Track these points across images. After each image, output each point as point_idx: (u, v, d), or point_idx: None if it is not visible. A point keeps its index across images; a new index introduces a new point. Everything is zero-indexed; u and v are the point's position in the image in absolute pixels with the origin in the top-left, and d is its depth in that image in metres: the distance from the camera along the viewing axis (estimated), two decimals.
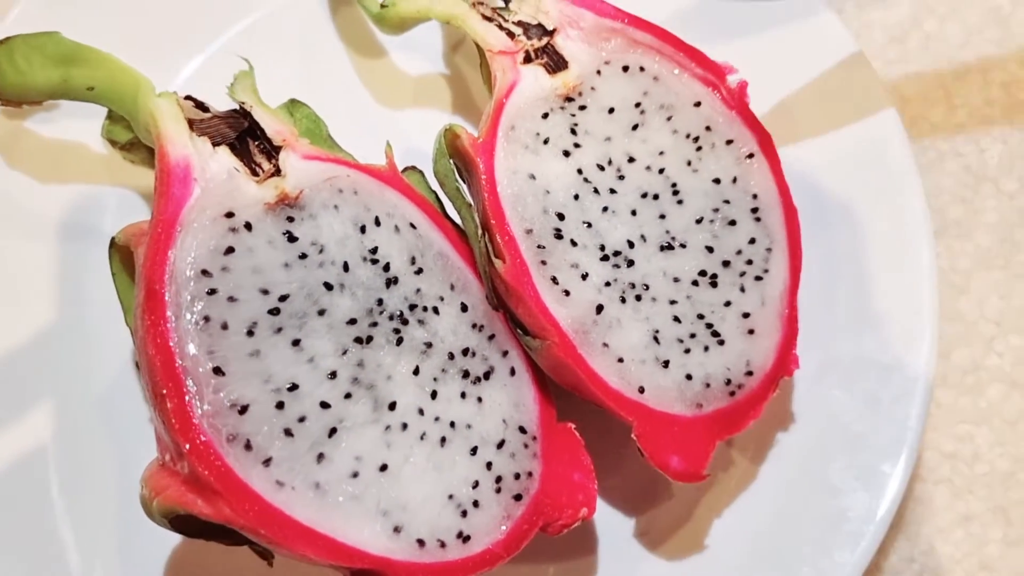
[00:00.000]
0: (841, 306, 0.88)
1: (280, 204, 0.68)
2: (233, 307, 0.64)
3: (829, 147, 0.92)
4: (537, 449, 0.71)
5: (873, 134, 0.92)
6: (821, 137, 0.93)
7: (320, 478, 0.62)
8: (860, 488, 0.82)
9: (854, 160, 0.91)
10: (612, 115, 0.77)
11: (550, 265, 0.71)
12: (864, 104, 0.92)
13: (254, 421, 0.61)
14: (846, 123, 0.92)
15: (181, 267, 0.63)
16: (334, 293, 0.67)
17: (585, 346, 0.70)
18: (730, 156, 0.82)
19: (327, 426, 0.64)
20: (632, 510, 0.84)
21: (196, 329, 0.62)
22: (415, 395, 0.68)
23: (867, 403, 0.85)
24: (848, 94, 0.93)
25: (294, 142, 0.71)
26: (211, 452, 0.61)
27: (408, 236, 0.72)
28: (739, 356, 0.76)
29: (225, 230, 0.65)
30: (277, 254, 0.66)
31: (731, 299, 0.75)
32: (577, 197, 0.74)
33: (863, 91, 0.92)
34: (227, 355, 0.62)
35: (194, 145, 0.68)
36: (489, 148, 0.72)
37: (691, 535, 0.83)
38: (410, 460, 0.66)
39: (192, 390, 0.60)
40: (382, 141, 0.77)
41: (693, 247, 0.76)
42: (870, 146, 0.92)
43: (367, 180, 0.73)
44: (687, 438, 0.72)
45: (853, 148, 0.92)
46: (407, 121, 0.95)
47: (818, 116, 0.93)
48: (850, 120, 0.92)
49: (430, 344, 0.70)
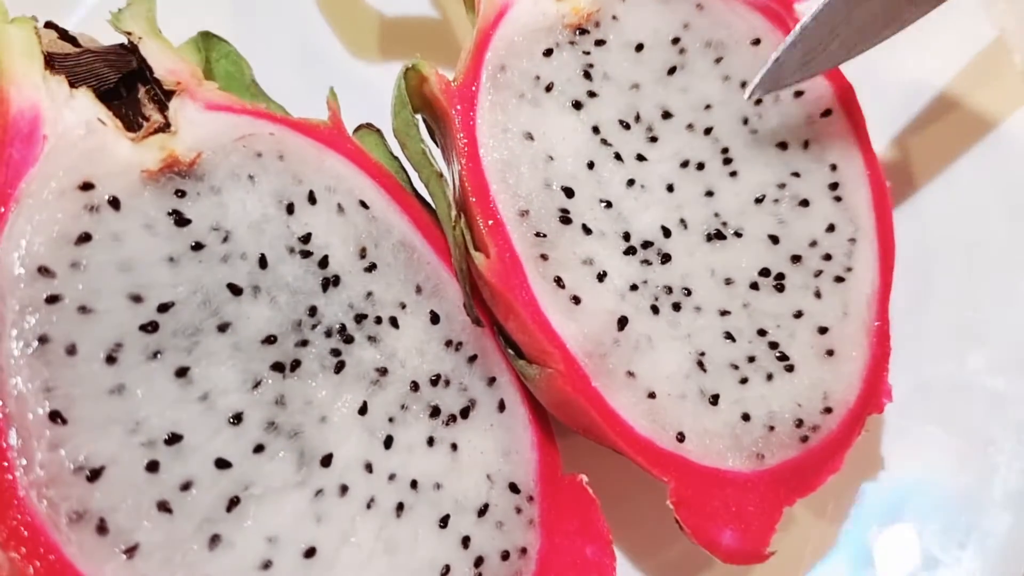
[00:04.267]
0: (936, 314, 0.74)
1: (167, 172, 0.55)
2: (86, 321, 0.49)
3: (929, 107, 0.76)
4: (534, 514, 0.60)
5: (987, 96, 0.75)
6: (919, 93, 0.76)
7: (213, 573, 0.49)
8: (967, 559, 0.68)
9: (961, 128, 0.74)
10: (640, 54, 0.64)
11: (553, 260, 0.59)
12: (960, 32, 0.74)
13: (111, 491, 0.47)
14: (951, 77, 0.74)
15: (9, 262, 0.48)
16: (243, 299, 0.54)
17: (602, 375, 0.58)
18: (800, 113, 0.67)
19: (225, 495, 0.51)
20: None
21: (27, 355, 0.47)
22: (361, 444, 0.55)
23: (972, 444, 0.70)
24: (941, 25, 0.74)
25: (195, 87, 0.56)
26: (39, 539, 0.45)
27: (356, 219, 0.59)
28: (814, 387, 0.63)
29: (78, 208, 0.51)
30: (158, 243, 0.53)
31: (803, 308, 0.64)
32: (592, 166, 0.62)
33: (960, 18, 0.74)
34: (73, 393, 0.48)
35: (47, 88, 0.50)
36: (469, 95, 0.59)
37: None
38: (351, 540, 0.53)
39: (16, 446, 0.46)
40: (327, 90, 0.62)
41: (752, 236, 0.64)
42: (982, 111, 0.75)
43: (300, 141, 0.59)
44: (744, 504, 0.58)
45: (960, 111, 0.75)
46: (366, 67, 0.79)
47: (907, 56, 0.75)
48: (956, 73, 0.74)
49: (384, 370, 0.57)
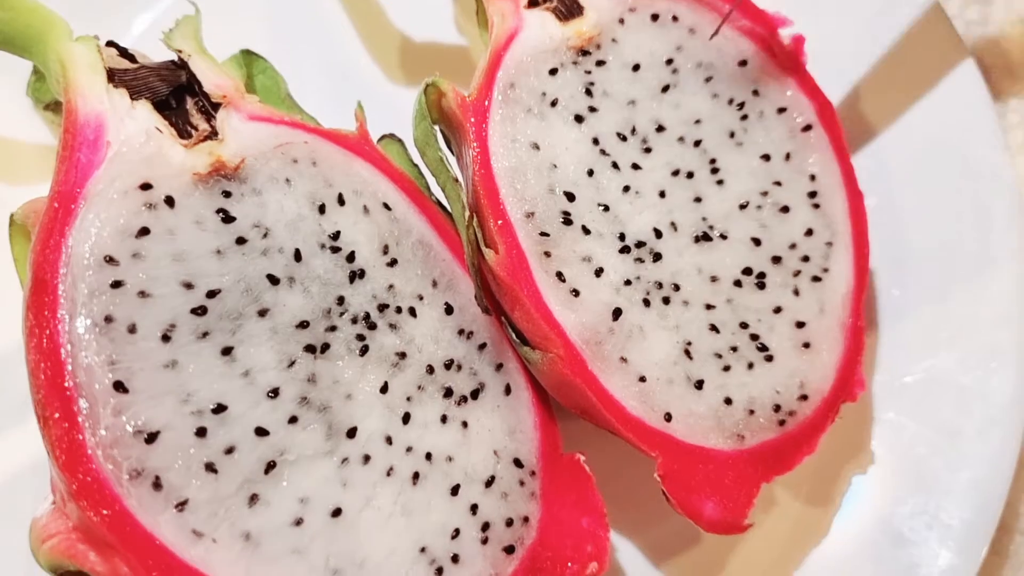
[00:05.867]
0: (910, 314, 0.75)
1: (214, 175, 0.57)
2: (145, 304, 0.53)
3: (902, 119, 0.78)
4: (536, 487, 0.62)
5: (954, 106, 0.77)
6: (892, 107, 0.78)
7: (252, 527, 0.52)
8: (933, 539, 0.70)
9: (931, 137, 0.77)
10: (637, 74, 0.68)
11: (555, 257, 0.62)
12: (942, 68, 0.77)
13: (166, 453, 0.51)
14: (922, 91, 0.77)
15: (80, 252, 0.52)
16: (280, 288, 0.58)
17: (598, 360, 0.60)
18: (782, 127, 0.70)
19: (263, 459, 0.54)
20: (654, 554, 0.72)
21: (94, 332, 0.51)
22: (382, 419, 0.58)
23: (944, 435, 0.72)
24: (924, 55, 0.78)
25: (238, 99, 0.59)
26: (104, 492, 0.48)
27: (380, 219, 0.63)
28: (791, 376, 0.65)
29: (139, 206, 0.55)
30: (207, 238, 0.57)
31: (782, 304, 0.67)
32: (592, 173, 0.65)
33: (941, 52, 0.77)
34: (134, 366, 0.52)
35: (111, 100, 0.54)
36: (482, 109, 0.63)
37: None
38: (372, 503, 0.56)
39: (84, 411, 0.49)
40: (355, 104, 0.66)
41: (736, 238, 0.67)
42: (950, 121, 0.77)
43: (330, 149, 0.63)
44: (725, 478, 0.61)
45: (930, 122, 0.77)
46: (389, 83, 0.82)
47: (888, 82, 0.79)
48: (927, 88, 0.77)
49: (404, 354, 0.61)
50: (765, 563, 0.70)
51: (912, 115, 0.77)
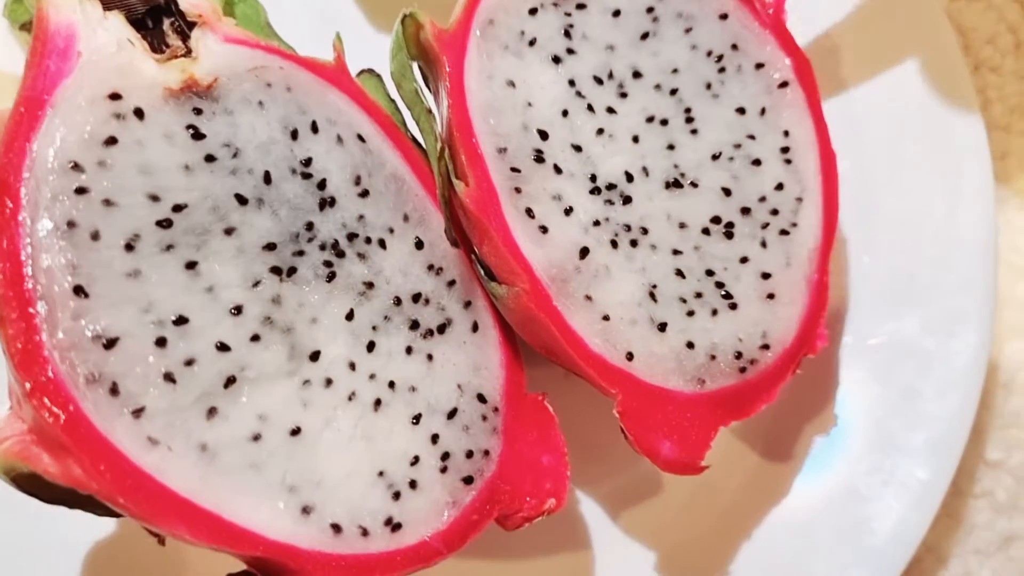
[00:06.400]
0: (878, 278, 0.76)
1: (186, 91, 0.57)
2: (109, 213, 0.53)
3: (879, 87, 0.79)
4: (498, 423, 0.63)
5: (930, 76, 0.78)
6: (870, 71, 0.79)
7: (208, 439, 0.53)
8: (888, 496, 0.71)
9: (906, 101, 0.78)
10: (617, 19, 0.68)
11: (525, 194, 0.62)
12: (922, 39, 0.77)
13: (124, 359, 0.51)
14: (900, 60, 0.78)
15: (44, 156, 0.51)
16: (248, 209, 0.58)
17: (563, 297, 0.61)
18: (759, 83, 0.70)
19: (224, 374, 0.54)
20: (613, 506, 0.73)
21: (56, 236, 0.51)
22: (346, 346, 0.59)
23: (903, 396, 0.74)
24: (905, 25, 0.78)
25: (214, 20, 0.59)
26: (60, 394, 0.48)
27: (353, 150, 0.62)
28: (754, 324, 0.66)
29: (107, 115, 0.54)
30: (176, 152, 0.56)
31: (749, 255, 0.67)
32: (566, 114, 0.65)
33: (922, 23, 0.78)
34: (95, 272, 0.51)
35: (83, 9, 0.54)
36: (459, 43, 0.62)
37: (683, 540, 0.72)
38: (332, 425, 0.57)
39: (43, 313, 0.49)
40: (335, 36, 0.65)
41: (706, 187, 0.67)
42: (925, 90, 0.78)
43: (306, 76, 0.63)
44: (683, 419, 0.61)
45: (906, 91, 0.78)
46: (370, 17, 0.81)
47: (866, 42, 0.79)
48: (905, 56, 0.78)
49: (371, 284, 0.61)
50: (722, 514, 0.72)
51: (889, 83, 0.78)
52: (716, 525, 0.72)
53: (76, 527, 0.64)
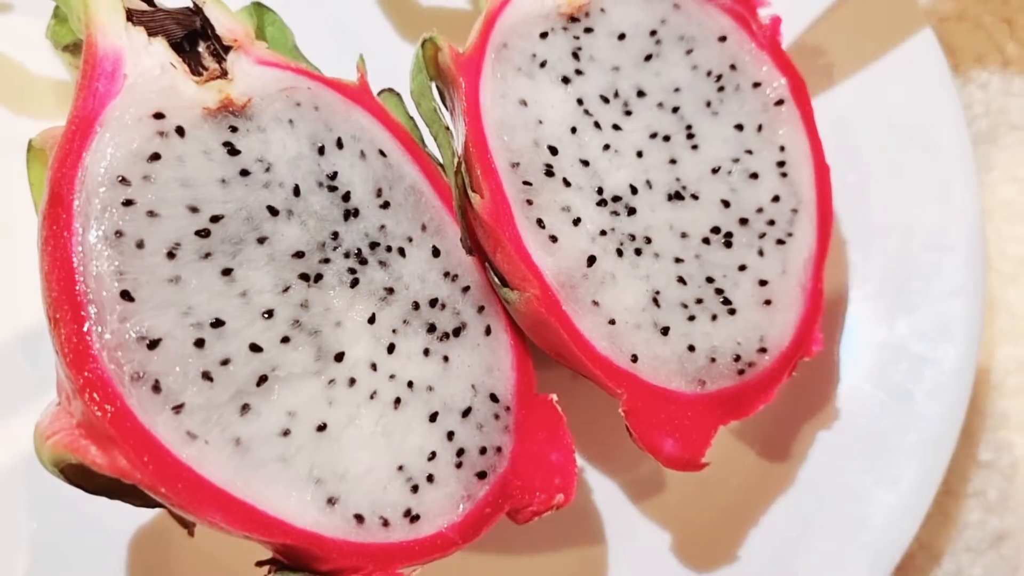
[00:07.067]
0: (872, 284, 0.79)
1: (223, 111, 0.60)
2: (153, 223, 0.57)
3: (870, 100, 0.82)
4: (510, 421, 0.65)
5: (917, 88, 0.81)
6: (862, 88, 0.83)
7: (242, 433, 0.56)
8: (881, 494, 0.74)
9: (896, 118, 0.82)
10: (622, 42, 0.72)
11: (537, 205, 0.65)
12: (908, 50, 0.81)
13: (166, 359, 0.54)
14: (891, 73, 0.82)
15: (95, 171, 0.55)
16: (279, 220, 0.61)
17: (571, 302, 0.63)
18: (756, 101, 0.73)
19: (256, 373, 0.57)
20: (618, 501, 0.76)
21: (105, 244, 0.55)
22: (368, 347, 0.62)
23: (895, 398, 0.76)
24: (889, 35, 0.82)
25: (248, 44, 0.63)
26: (108, 390, 0.52)
27: (375, 164, 0.66)
28: (752, 329, 0.69)
29: (151, 133, 0.58)
30: (213, 167, 0.60)
31: (747, 263, 0.70)
32: (575, 131, 0.68)
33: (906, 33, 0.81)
34: (140, 278, 0.55)
35: (129, 36, 0.58)
36: (475, 66, 0.66)
37: (684, 537, 0.75)
38: (355, 422, 0.60)
39: (92, 315, 0.53)
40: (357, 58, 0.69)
41: (707, 199, 0.70)
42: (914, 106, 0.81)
43: (332, 96, 0.67)
44: (685, 419, 0.64)
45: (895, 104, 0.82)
46: (391, 43, 0.86)
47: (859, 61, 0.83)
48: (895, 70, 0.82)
49: (391, 290, 0.64)
50: (721, 510, 0.74)
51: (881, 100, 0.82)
52: (716, 520, 0.75)
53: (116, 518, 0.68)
